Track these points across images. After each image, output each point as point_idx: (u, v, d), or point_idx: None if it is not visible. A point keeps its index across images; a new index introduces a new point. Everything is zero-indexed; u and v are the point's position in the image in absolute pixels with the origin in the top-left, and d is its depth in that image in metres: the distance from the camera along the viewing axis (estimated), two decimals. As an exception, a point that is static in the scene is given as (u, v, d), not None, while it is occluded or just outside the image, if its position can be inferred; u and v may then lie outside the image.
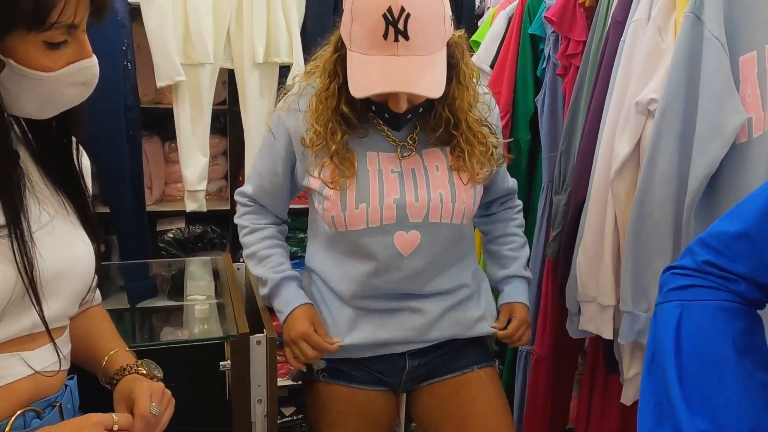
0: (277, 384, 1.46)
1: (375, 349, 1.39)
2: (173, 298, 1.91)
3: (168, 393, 0.99)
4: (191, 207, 2.48)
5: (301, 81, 1.38)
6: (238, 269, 1.83)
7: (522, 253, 1.53)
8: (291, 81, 1.43)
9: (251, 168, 1.48)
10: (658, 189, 1.39)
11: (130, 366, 1.01)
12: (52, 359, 0.91)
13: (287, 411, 2.66)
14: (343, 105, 1.28)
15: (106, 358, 1.03)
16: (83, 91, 0.88)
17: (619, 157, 1.47)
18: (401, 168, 1.33)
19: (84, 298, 0.97)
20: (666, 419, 0.80)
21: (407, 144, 1.35)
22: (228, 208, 2.62)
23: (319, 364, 1.41)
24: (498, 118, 1.44)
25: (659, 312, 0.87)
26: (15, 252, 0.81)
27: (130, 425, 0.89)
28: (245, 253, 1.48)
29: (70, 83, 0.85)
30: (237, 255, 2.19)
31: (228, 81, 2.52)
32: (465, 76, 1.31)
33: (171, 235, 2.60)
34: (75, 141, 0.96)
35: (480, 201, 1.40)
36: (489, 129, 1.37)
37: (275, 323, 1.48)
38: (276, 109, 1.39)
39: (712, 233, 0.86)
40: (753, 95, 1.27)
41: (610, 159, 1.51)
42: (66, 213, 0.93)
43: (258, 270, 1.44)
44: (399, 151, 1.34)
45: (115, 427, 0.86)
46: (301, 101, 1.35)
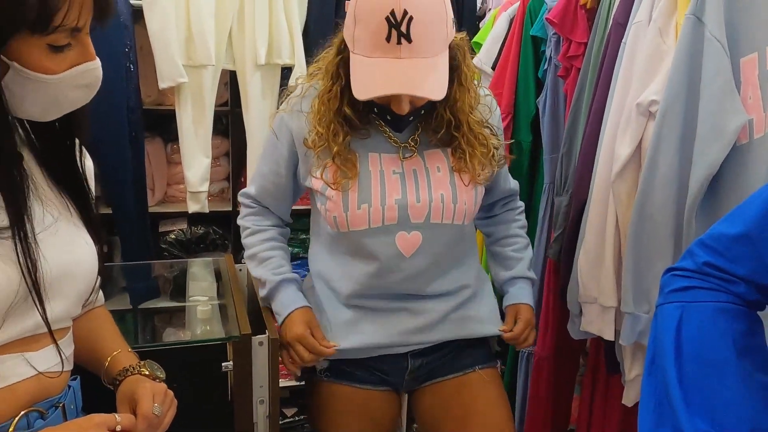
0: (279, 385, 1.46)
1: (376, 351, 1.40)
2: (175, 299, 1.91)
3: (170, 394, 1.00)
4: (193, 208, 2.48)
5: (304, 83, 1.39)
6: (240, 270, 1.83)
7: (525, 254, 1.54)
8: (293, 82, 1.43)
9: (255, 169, 1.48)
10: (659, 190, 1.39)
11: (132, 367, 1.01)
12: (55, 360, 0.91)
13: (289, 412, 2.67)
14: (346, 107, 1.29)
15: (108, 358, 1.03)
16: (86, 94, 0.88)
17: (620, 159, 1.47)
18: (403, 169, 1.33)
19: (87, 299, 0.97)
20: (666, 420, 0.81)
21: (409, 145, 1.35)
22: (230, 209, 2.63)
23: (322, 363, 1.41)
24: (499, 119, 1.45)
25: (660, 313, 0.87)
26: (18, 253, 0.81)
27: (132, 426, 0.90)
28: (246, 254, 1.48)
29: (73, 86, 0.85)
30: (239, 256, 2.18)
31: (230, 82, 2.53)
32: (466, 78, 1.32)
33: (173, 236, 2.61)
34: (78, 143, 0.97)
35: (482, 202, 1.40)
36: (490, 130, 1.38)
37: (277, 324, 1.48)
38: (279, 111, 1.40)
39: (712, 235, 0.86)
40: (754, 97, 1.27)
41: (611, 160, 1.51)
42: (69, 214, 0.93)
43: (258, 271, 1.45)
44: (401, 153, 1.35)
45: (118, 428, 0.86)
46: (304, 103, 1.36)
